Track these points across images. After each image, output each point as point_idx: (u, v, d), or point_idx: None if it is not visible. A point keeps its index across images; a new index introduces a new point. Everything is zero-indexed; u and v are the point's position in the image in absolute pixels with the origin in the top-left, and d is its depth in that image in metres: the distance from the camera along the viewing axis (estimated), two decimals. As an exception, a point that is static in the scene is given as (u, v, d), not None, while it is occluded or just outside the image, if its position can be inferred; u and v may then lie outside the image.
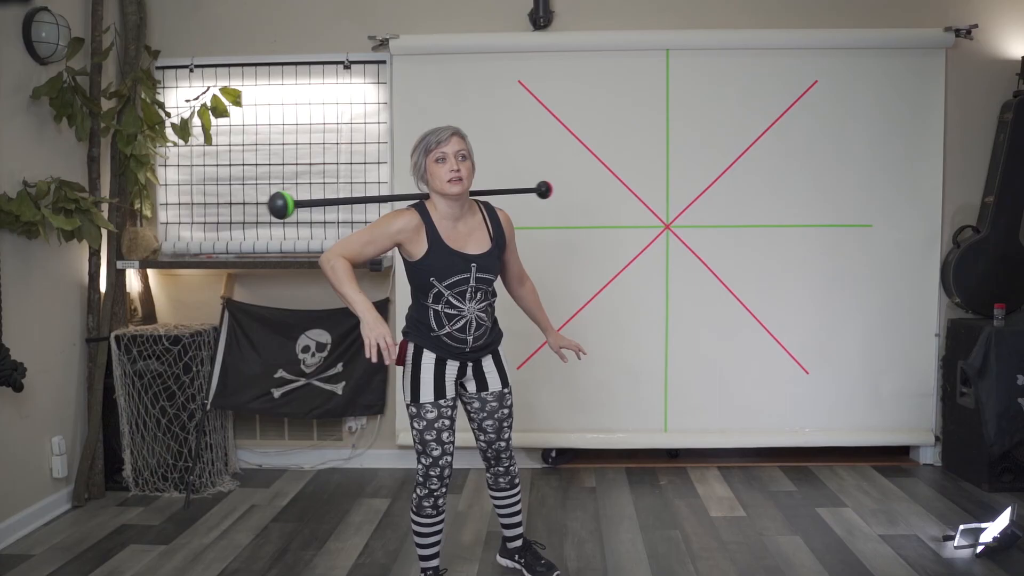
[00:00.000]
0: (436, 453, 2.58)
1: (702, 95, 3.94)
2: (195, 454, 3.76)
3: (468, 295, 2.59)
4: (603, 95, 3.95)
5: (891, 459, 4.13)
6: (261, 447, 4.18)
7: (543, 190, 3.04)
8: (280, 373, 3.98)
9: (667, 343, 4.03)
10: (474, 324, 2.61)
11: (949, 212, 3.99)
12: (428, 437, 2.58)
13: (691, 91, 3.94)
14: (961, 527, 3.06)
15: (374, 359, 2.34)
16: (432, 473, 2.59)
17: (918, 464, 4.09)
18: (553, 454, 4.11)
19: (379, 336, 2.32)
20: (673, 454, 4.22)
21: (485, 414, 2.75)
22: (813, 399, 4.03)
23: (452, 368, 2.63)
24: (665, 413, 4.05)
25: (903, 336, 4.02)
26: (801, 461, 4.09)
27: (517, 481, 2.89)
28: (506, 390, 2.76)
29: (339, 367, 4.00)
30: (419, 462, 2.61)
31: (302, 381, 3.99)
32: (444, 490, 2.62)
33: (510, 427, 2.81)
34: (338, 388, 3.99)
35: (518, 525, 2.95)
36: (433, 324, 2.58)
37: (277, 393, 3.97)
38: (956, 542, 3.03)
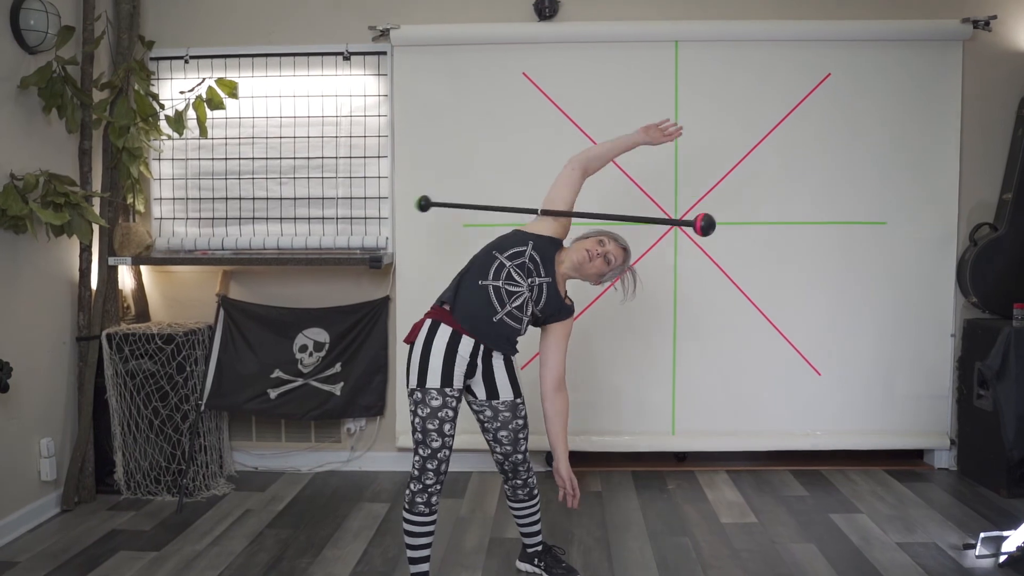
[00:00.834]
0: (436, 444, 2.49)
1: (712, 88, 3.84)
2: (188, 457, 3.65)
3: (526, 286, 2.58)
4: (610, 88, 3.84)
5: (904, 463, 4.02)
6: (257, 449, 4.06)
7: (703, 225, 2.43)
8: (277, 373, 3.87)
9: (675, 343, 3.92)
10: (520, 309, 2.57)
11: (966, 209, 3.88)
12: (430, 426, 2.49)
13: (701, 84, 3.83)
14: (982, 535, 2.95)
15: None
16: (429, 466, 2.49)
17: (933, 468, 3.98)
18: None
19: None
20: (680, 457, 4.11)
21: (499, 424, 2.65)
22: (825, 401, 3.92)
23: (463, 355, 2.53)
24: (673, 415, 3.94)
25: (918, 336, 3.91)
26: (812, 465, 3.98)
27: (536, 492, 2.81)
28: (518, 400, 2.67)
29: (337, 367, 3.89)
30: (416, 453, 2.51)
31: (299, 381, 3.88)
32: (439, 487, 2.52)
33: (526, 439, 2.71)
34: (336, 389, 3.88)
35: (537, 533, 2.88)
36: (485, 280, 2.57)
37: (274, 394, 3.86)
38: (977, 551, 2.92)
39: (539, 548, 2.89)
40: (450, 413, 2.52)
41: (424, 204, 3.30)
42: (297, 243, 3.92)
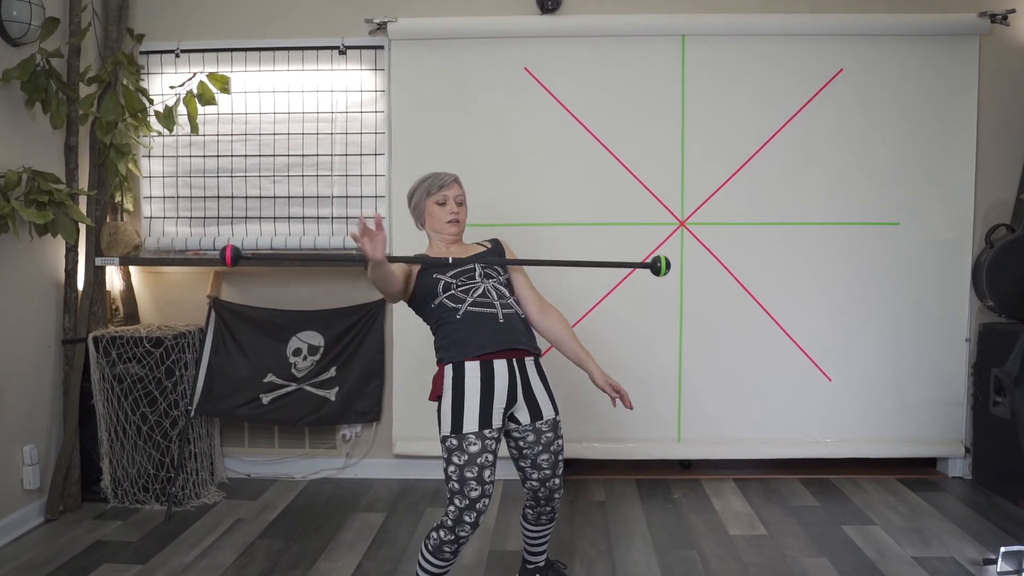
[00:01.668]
0: (475, 494, 2.28)
1: (720, 84, 3.71)
2: (178, 464, 3.53)
3: (478, 275, 2.49)
4: (614, 83, 3.72)
5: (917, 471, 3.90)
6: (249, 455, 3.94)
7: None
8: (270, 377, 3.75)
9: (681, 347, 3.80)
10: (494, 293, 2.44)
11: (981, 209, 3.76)
12: (468, 475, 2.28)
13: (708, 79, 3.71)
14: (1003, 550, 2.82)
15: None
16: (466, 518, 2.28)
17: (946, 477, 3.86)
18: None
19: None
20: (686, 465, 3.99)
21: (540, 447, 2.45)
22: (835, 408, 3.80)
23: (501, 386, 2.35)
24: (678, 422, 3.82)
25: (931, 341, 3.78)
26: (822, 473, 3.86)
27: (556, 514, 2.64)
28: (558, 417, 2.50)
29: (332, 371, 3.76)
30: (451, 503, 2.29)
31: (293, 386, 3.76)
32: (472, 535, 2.33)
33: (562, 461, 2.53)
34: (331, 394, 3.76)
35: (544, 552, 2.73)
36: (451, 305, 2.42)
37: (266, 399, 3.74)
38: (999, 567, 2.79)
39: (541, 564, 2.75)
40: (490, 458, 2.31)
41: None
42: (291, 243, 3.80)
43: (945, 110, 3.70)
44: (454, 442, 2.31)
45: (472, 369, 2.35)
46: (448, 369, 2.38)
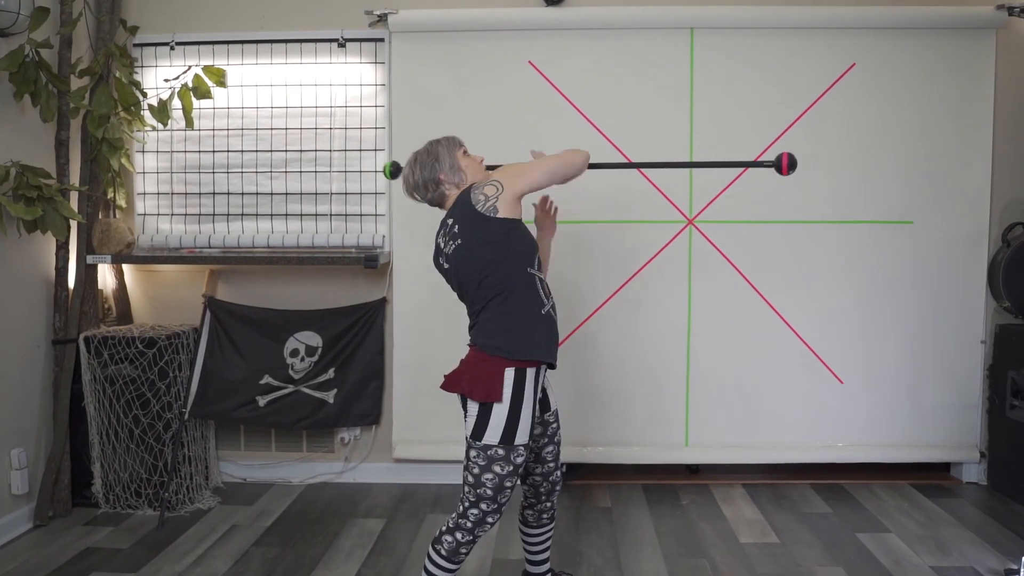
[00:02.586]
0: (505, 500, 2.24)
1: (729, 78, 3.61)
2: (171, 468, 3.42)
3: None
4: (622, 78, 3.62)
5: (931, 476, 3.80)
6: (245, 459, 3.84)
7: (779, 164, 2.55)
8: (266, 379, 3.65)
9: (689, 348, 3.70)
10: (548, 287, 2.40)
11: (998, 208, 3.66)
12: (508, 484, 2.23)
13: (717, 73, 3.61)
14: (1025, 559, 2.73)
15: None
16: (489, 520, 2.24)
17: (961, 482, 3.76)
18: (563, 469, 3.76)
19: None
20: (693, 469, 3.89)
21: (546, 439, 2.43)
22: (847, 411, 3.70)
23: (539, 392, 2.33)
24: (686, 425, 3.72)
25: (946, 343, 3.69)
26: (833, 478, 3.76)
27: (555, 514, 2.59)
28: (557, 408, 2.50)
29: (330, 373, 3.66)
30: (476, 507, 2.22)
31: (290, 388, 3.66)
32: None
33: (560, 451, 2.51)
34: (329, 396, 3.65)
35: (547, 560, 2.65)
36: (542, 295, 2.29)
37: (263, 401, 3.63)
38: (1022, 577, 2.70)
39: (547, 575, 2.66)
40: (522, 466, 2.29)
41: (394, 171, 2.68)
42: (288, 241, 3.70)
43: (960, 105, 3.60)
44: (500, 452, 2.21)
45: (531, 377, 2.25)
46: (510, 373, 2.21)
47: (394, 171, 2.67)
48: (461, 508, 2.25)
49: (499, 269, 2.23)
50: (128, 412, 3.42)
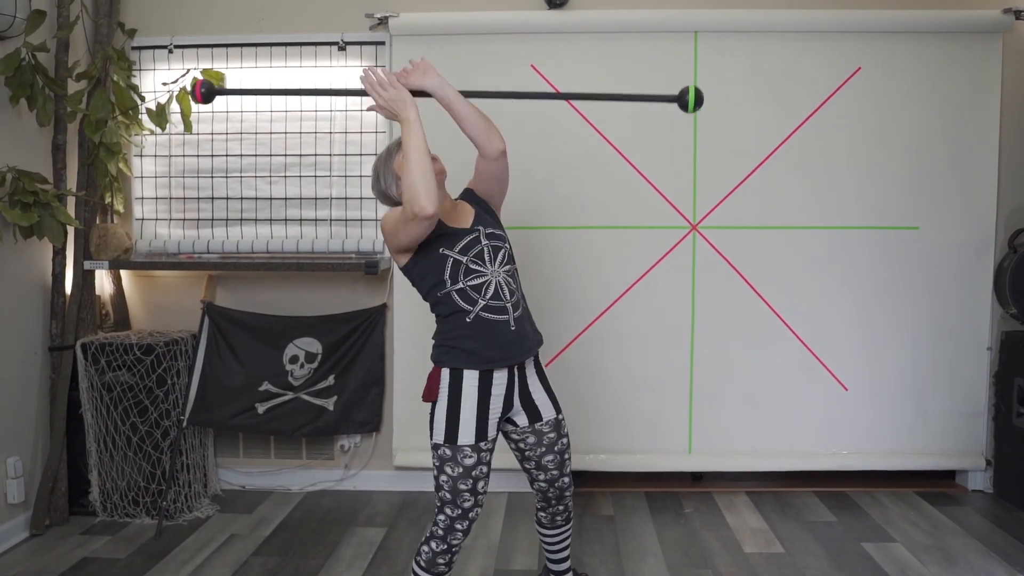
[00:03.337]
0: (468, 505, 2.21)
1: (733, 82, 3.57)
2: (169, 476, 3.39)
3: (487, 255, 2.27)
4: (624, 82, 3.57)
5: (936, 484, 3.77)
6: (244, 466, 3.80)
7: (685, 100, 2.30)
8: (265, 386, 3.61)
9: (692, 355, 3.66)
10: (506, 290, 2.26)
11: (1004, 213, 3.63)
12: (462, 487, 2.20)
13: (721, 78, 3.57)
14: (1034, 571, 2.70)
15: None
16: (458, 527, 2.21)
17: (966, 490, 3.73)
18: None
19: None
20: (697, 477, 3.86)
21: (543, 448, 2.36)
22: (852, 418, 3.66)
23: (498, 394, 2.25)
24: (689, 432, 3.69)
25: (951, 350, 3.65)
26: (837, 486, 3.72)
27: (572, 515, 2.55)
28: (560, 416, 2.39)
29: (330, 380, 3.62)
30: (442, 512, 2.22)
31: (290, 395, 3.62)
32: (464, 542, 2.26)
33: (570, 458, 2.44)
34: (329, 403, 3.62)
35: (567, 559, 2.62)
36: (463, 304, 2.22)
37: (262, 408, 3.60)
38: (1031, 589, 2.67)
39: (567, 573, 2.64)
40: (484, 469, 2.24)
41: (206, 92, 2.31)
42: (288, 246, 3.67)
43: (966, 110, 3.56)
44: (447, 452, 2.21)
45: (471, 378, 2.24)
46: (445, 373, 2.25)
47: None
48: (434, 517, 2.26)
49: (420, 291, 2.33)
50: (126, 419, 3.38)
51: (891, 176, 3.60)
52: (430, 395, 2.26)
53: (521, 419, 2.34)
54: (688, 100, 2.29)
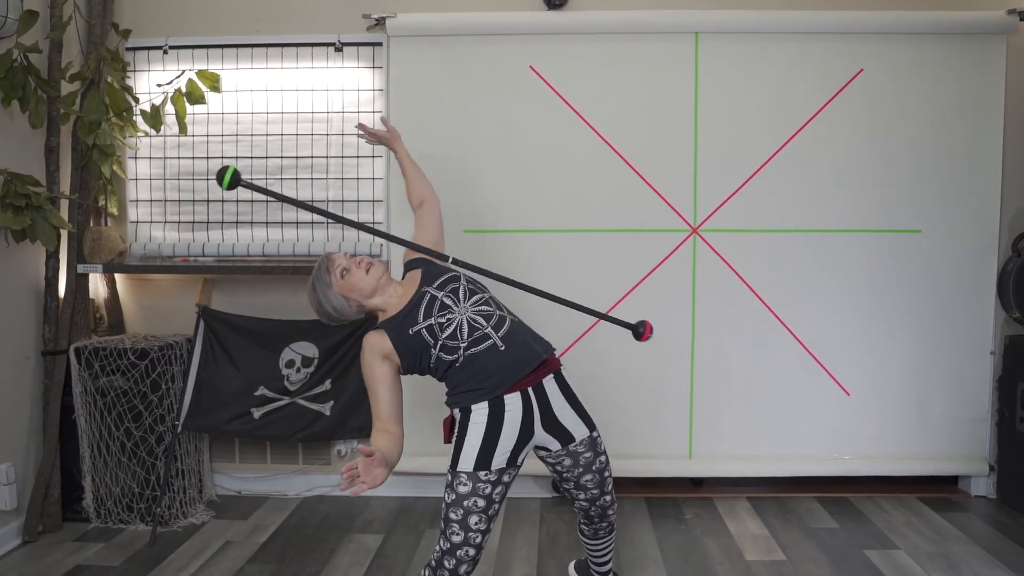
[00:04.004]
0: (456, 539, 2.12)
1: (735, 84, 3.54)
2: (164, 482, 3.35)
3: (449, 301, 2.28)
4: (625, 83, 3.54)
5: (938, 489, 3.73)
6: (240, 471, 3.76)
7: (640, 331, 2.43)
8: (261, 391, 3.57)
9: (693, 360, 3.62)
10: (481, 319, 2.21)
11: (1008, 216, 3.59)
12: (452, 516, 2.13)
13: (722, 79, 3.53)
14: (1040, 579, 2.67)
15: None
16: (446, 563, 2.12)
17: (969, 496, 3.69)
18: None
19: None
20: (697, 482, 3.82)
21: (581, 469, 2.29)
22: (854, 423, 3.63)
23: (512, 419, 2.18)
24: (690, 438, 3.65)
25: (954, 354, 3.61)
26: (839, 492, 3.69)
27: (615, 524, 2.51)
28: (595, 433, 2.31)
29: (327, 384, 3.58)
30: (438, 541, 2.17)
31: (286, 400, 3.58)
32: None
33: (611, 475, 2.38)
34: (326, 408, 3.58)
35: (609, 561, 2.61)
36: (449, 357, 2.21)
37: (258, 413, 3.56)
38: (1037, 598, 2.63)
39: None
40: (479, 503, 2.13)
41: (232, 181, 2.23)
42: (284, 249, 3.63)
43: (970, 112, 3.53)
44: (448, 478, 2.18)
45: (479, 410, 2.18)
46: (456, 412, 2.23)
47: (231, 182, 2.23)
48: None
49: (431, 375, 2.35)
50: (120, 425, 3.34)
51: (893, 179, 3.56)
52: (447, 437, 2.26)
53: (553, 444, 2.25)
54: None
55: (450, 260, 2.37)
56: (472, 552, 2.12)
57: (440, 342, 2.21)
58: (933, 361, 3.62)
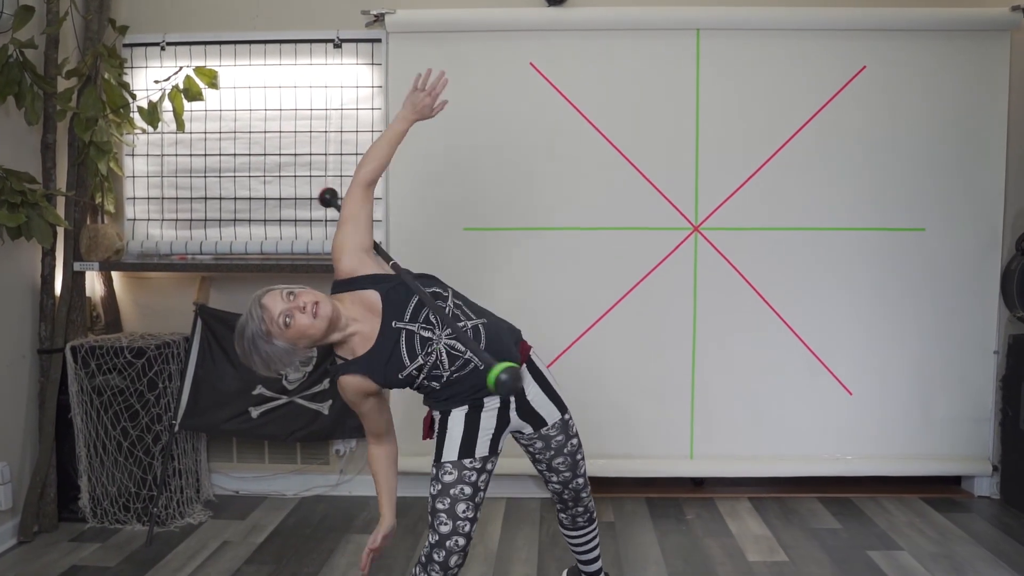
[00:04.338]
0: (444, 529, 2.08)
1: (736, 81, 3.51)
2: (160, 482, 3.32)
3: (431, 329, 2.11)
4: (625, 80, 3.52)
5: (941, 490, 3.71)
6: (238, 471, 3.74)
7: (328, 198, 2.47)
8: (259, 390, 3.54)
9: (694, 359, 3.60)
10: (459, 344, 2.10)
11: (1011, 215, 3.57)
12: (439, 506, 2.10)
13: (724, 76, 3.51)
14: (1045, 581, 2.64)
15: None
16: (436, 557, 2.08)
17: (972, 496, 3.66)
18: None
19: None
20: (698, 482, 3.79)
21: (553, 452, 2.28)
22: (856, 423, 3.60)
23: (491, 408, 2.17)
24: (691, 437, 3.62)
25: (958, 353, 3.59)
26: (841, 492, 3.66)
27: (595, 515, 2.48)
28: (567, 415, 2.29)
29: (325, 383, 3.56)
30: (427, 536, 2.14)
31: (284, 399, 3.55)
32: None
33: (583, 458, 2.36)
34: (324, 407, 3.55)
35: (597, 560, 2.55)
36: (431, 384, 2.14)
37: (255, 412, 3.53)
38: (1042, 600, 2.61)
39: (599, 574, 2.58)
40: (466, 490, 2.11)
41: (330, 199, 2.54)
42: (283, 247, 3.60)
43: (974, 110, 3.50)
44: (433, 471, 2.16)
45: (459, 410, 2.17)
46: (436, 414, 2.21)
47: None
48: None
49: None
50: (116, 424, 3.32)
51: (897, 177, 3.54)
52: (426, 434, 2.24)
53: (526, 428, 2.26)
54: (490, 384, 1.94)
55: (391, 264, 2.22)
56: (462, 542, 2.09)
57: (426, 373, 2.12)
58: (936, 360, 3.59)
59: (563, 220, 3.56)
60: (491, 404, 2.17)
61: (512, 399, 2.19)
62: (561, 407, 2.28)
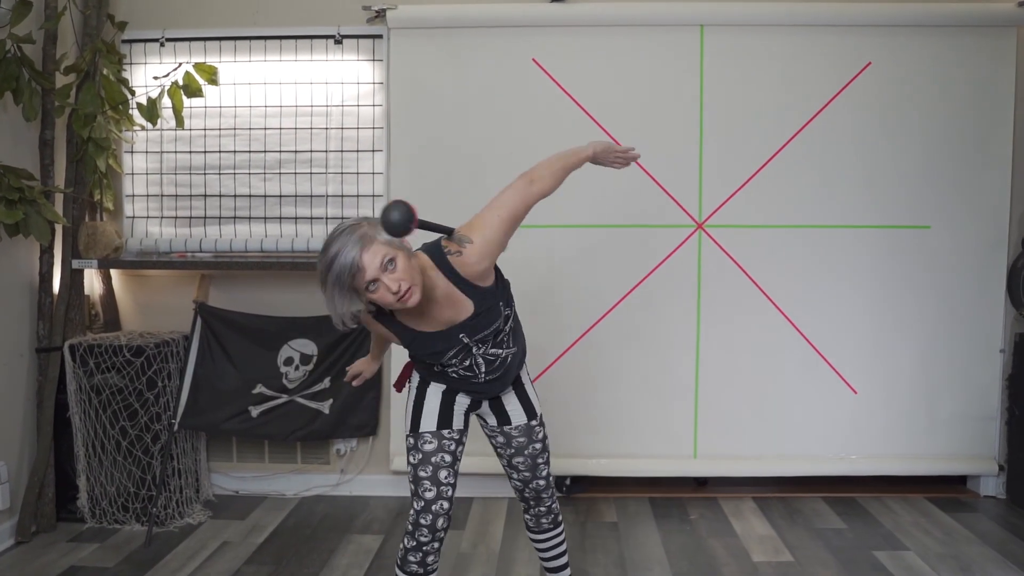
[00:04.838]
0: (429, 495, 2.12)
1: (741, 77, 3.48)
2: (160, 482, 3.29)
3: (474, 349, 2.13)
4: (628, 76, 3.49)
5: (947, 489, 3.68)
6: (238, 471, 3.71)
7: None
8: (259, 389, 3.51)
9: (698, 357, 3.57)
10: (482, 363, 2.17)
11: (1018, 212, 3.54)
12: (422, 474, 2.14)
13: (728, 73, 3.48)
14: (1054, 581, 2.61)
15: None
16: (423, 521, 2.12)
17: (978, 496, 3.64)
18: (568, 482, 3.65)
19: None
20: (701, 482, 3.76)
21: (513, 450, 2.32)
22: (861, 422, 3.57)
23: (464, 398, 2.23)
24: (695, 437, 3.59)
25: (963, 352, 3.56)
26: (845, 492, 3.63)
27: (561, 519, 2.47)
28: (533, 422, 2.31)
29: (326, 383, 3.53)
30: (412, 507, 2.16)
31: (284, 398, 3.52)
32: (437, 544, 2.14)
33: (546, 462, 2.37)
34: (325, 406, 3.52)
35: (565, 567, 2.52)
36: (438, 368, 2.19)
37: (255, 411, 3.50)
38: (1051, 601, 2.58)
39: None
40: (447, 458, 2.16)
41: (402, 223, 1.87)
42: (283, 245, 3.57)
43: (980, 106, 3.47)
44: (411, 441, 2.19)
45: (436, 386, 2.23)
46: (415, 374, 2.27)
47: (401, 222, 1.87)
48: None
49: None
50: (115, 423, 3.29)
51: (902, 174, 3.51)
52: (400, 384, 2.31)
53: (491, 419, 2.31)
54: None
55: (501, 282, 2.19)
56: (446, 505, 2.14)
57: (443, 364, 2.17)
58: (942, 359, 3.56)
59: (566, 218, 3.52)
60: (462, 398, 2.24)
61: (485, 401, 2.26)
62: (531, 414, 2.31)
